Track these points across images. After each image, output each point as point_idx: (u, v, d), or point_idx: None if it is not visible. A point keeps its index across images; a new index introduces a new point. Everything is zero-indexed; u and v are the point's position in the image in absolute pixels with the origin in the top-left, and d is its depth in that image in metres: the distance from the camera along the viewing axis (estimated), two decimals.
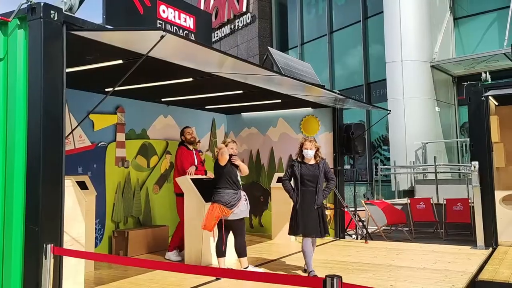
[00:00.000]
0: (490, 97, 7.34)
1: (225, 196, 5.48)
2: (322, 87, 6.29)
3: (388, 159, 15.90)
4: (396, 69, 15.10)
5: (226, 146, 5.63)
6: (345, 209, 8.33)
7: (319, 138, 8.72)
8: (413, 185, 13.93)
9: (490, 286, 5.14)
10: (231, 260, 5.95)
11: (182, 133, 6.89)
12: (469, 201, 10.03)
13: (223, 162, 5.54)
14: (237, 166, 5.63)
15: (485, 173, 7.18)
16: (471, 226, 9.81)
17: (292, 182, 5.74)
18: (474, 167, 7.21)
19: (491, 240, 7.13)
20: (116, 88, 4.61)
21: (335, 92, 6.70)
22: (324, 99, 7.66)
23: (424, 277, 5.19)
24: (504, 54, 14.40)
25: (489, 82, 7.44)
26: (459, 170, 14.07)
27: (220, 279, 5.02)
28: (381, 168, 14.12)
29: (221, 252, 5.54)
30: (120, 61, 4.93)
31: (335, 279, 2.37)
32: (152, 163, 7.74)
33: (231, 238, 5.68)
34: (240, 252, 5.57)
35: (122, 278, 5.44)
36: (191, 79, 5.98)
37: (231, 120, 9.70)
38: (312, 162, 5.72)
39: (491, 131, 7.28)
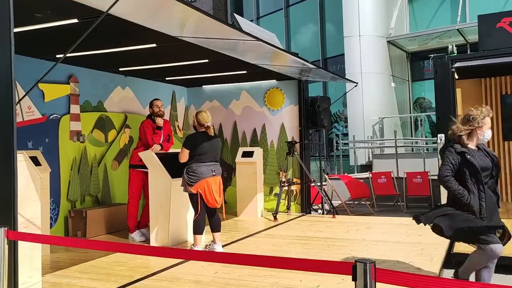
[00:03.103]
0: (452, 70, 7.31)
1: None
2: (296, 55, 5.97)
3: (345, 134, 15.98)
4: (354, 43, 15.03)
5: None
6: (313, 184, 8.17)
7: (284, 111, 8.49)
8: (371, 159, 14.07)
9: (465, 258, 5.11)
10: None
11: (150, 105, 6.39)
12: (428, 174, 10.19)
13: (212, 133, 5.18)
14: None
15: None
16: (429, 198, 10.04)
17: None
18: (441, 139, 7.20)
19: None
20: (70, 54, 4.05)
21: (307, 62, 6.39)
22: (291, 70, 7.35)
23: (401, 251, 5.10)
24: (458, 30, 14.66)
25: (455, 55, 7.40)
26: (417, 144, 14.32)
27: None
28: (342, 143, 14.10)
29: (202, 229, 5.20)
30: (75, 20, 4.38)
31: (368, 264, 2.04)
32: (110, 138, 7.19)
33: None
34: (219, 227, 5.28)
35: (82, 262, 4.99)
36: (154, 45, 5.49)
37: (192, 93, 9.23)
38: (473, 146, 4.03)
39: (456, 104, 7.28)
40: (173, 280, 4.26)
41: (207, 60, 6.49)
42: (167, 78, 8.28)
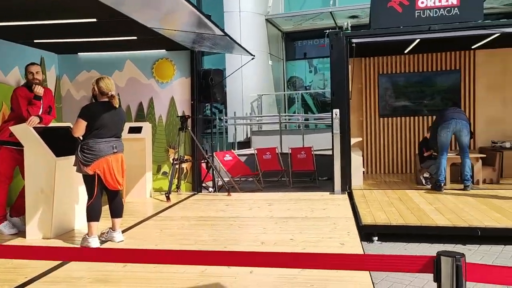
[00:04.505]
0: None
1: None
2: (208, 17, 5.38)
3: (221, 111, 15.75)
4: (234, 19, 14.77)
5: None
6: (206, 161, 7.74)
7: (174, 84, 7.86)
8: (249, 136, 14.08)
9: (375, 229, 5.22)
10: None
11: (25, 70, 5.25)
12: (312, 149, 10.45)
13: (117, 104, 4.38)
14: None
15: (344, 120, 7.36)
16: (313, 173, 10.32)
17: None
18: (336, 114, 7.31)
19: (346, 185, 7.41)
20: None
21: (223, 31, 5.85)
22: (187, 37, 6.73)
23: (315, 227, 4.98)
24: (330, 13, 15.29)
25: (350, 31, 7.54)
26: (298, 120, 14.68)
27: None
28: (225, 119, 13.79)
29: (98, 215, 4.44)
30: None
31: (455, 258, 1.63)
32: None
33: None
34: (120, 212, 4.58)
35: None
36: None
37: (64, 60, 8.04)
38: None
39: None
40: (72, 281, 3.51)
41: (94, 20, 5.57)
42: (35, 41, 7.03)
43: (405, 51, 9.07)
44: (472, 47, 8.97)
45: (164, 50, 7.78)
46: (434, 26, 6.95)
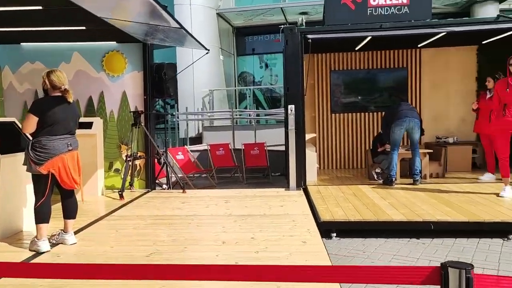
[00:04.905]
0: None
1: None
2: (165, 8, 5.17)
3: (172, 106, 15.47)
4: (184, 12, 14.48)
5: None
6: (161, 158, 7.54)
7: (126, 78, 7.59)
8: (201, 131, 13.91)
9: (334, 226, 5.27)
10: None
11: None
12: (265, 145, 10.45)
13: (71, 98, 4.12)
14: None
15: (299, 116, 7.38)
16: (266, 169, 10.33)
17: None
18: (291, 110, 7.32)
19: (301, 181, 7.46)
20: None
21: (179, 23, 5.66)
22: (140, 28, 6.49)
23: (275, 224, 4.96)
24: (281, 9, 15.35)
25: (305, 27, 7.57)
26: (249, 116, 14.63)
27: None
28: (177, 115, 13.51)
29: (48, 216, 4.18)
30: None
31: (465, 270, 1.50)
32: None
33: None
34: (74, 213, 4.35)
35: None
36: None
37: (6, 51, 7.56)
38: None
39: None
40: None
41: (40, 7, 5.25)
42: None
43: (356, 48, 9.25)
44: (419, 45, 9.28)
45: (115, 42, 7.50)
46: (386, 24, 7.12)
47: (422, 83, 9.71)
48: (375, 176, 8.01)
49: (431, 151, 8.21)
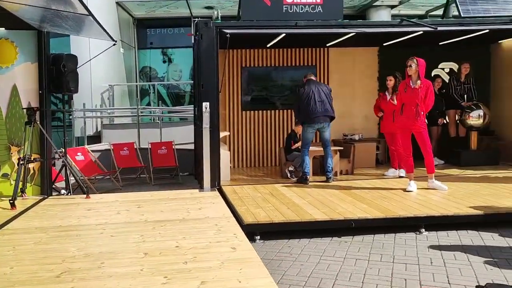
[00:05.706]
0: None
1: None
2: None
3: (67, 101, 14.22)
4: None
5: None
6: (59, 159, 6.76)
7: (17, 70, 6.70)
8: (100, 130, 12.98)
9: (258, 228, 5.06)
10: None
11: None
12: (173, 144, 9.98)
13: None
14: None
15: (213, 114, 7.09)
16: (174, 168, 9.86)
17: None
18: (206, 108, 7.00)
19: (215, 182, 7.18)
20: None
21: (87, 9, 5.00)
22: (33, 13, 5.71)
23: (197, 230, 4.61)
24: (186, 1, 14.86)
25: (220, 21, 7.26)
26: (155, 113, 13.94)
27: None
28: (74, 112, 12.37)
29: None
30: None
31: None
32: None
33: None
34: None
35: None
36: None
37: None
38: None
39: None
40: None
41: None
42: None
43: (268, 45, 9.17)
44: (327, 44, 9.47)
45: (3, 29, 6.56)
46: (301, 22, 7.10)
47: (330, 81, 9.92)
48: (289, 175, 7.98)
49: (342, 148, 8.40)
